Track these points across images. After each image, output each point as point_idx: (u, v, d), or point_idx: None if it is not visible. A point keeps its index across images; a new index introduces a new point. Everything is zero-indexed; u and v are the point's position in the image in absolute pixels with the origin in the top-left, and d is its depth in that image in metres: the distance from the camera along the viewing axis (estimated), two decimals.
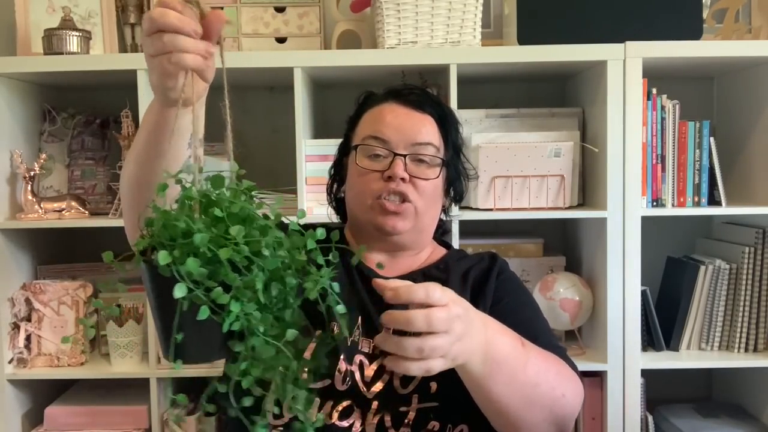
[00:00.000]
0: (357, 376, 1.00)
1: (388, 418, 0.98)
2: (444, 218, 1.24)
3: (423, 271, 1.14)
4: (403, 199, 1.07)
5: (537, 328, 1.08)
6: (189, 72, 0.76)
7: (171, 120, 0.82)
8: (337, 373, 1.00)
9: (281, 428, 1.00)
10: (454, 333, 0.76)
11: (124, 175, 0.93)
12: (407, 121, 1.10)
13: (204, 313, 0.65)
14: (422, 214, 1.10)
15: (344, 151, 1.18)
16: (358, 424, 0.98)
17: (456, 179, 1.17)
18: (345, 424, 0.98)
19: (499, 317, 1.08)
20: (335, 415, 0.98)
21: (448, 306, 0.76)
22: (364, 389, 1.00)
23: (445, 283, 1.11)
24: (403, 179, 1.06)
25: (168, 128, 0.82)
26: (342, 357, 1.01)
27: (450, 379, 0.99)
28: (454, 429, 0.99)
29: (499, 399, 0.88)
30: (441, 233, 1.27)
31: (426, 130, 1.10)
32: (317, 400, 0.99)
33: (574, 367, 1.03)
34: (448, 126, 1.14)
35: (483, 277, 1.13)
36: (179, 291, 0.65)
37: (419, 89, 1.17)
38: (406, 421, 0.98)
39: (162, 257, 0.64)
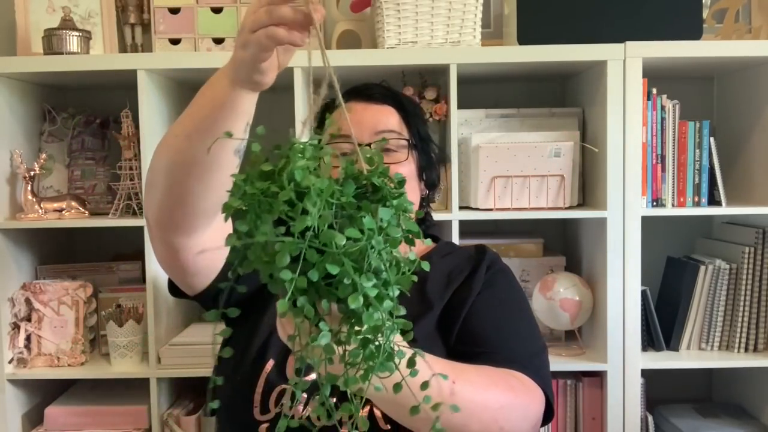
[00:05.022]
0: None
1: (378, 413, 0.96)
2: (426, 209, 1.24)
3: None
4: None
5: (513, 328, 1.07)
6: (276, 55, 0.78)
7: (237, 101, 0.81)
8: None
9: (267, 424, 1.00)
10: None
11: (165, 149, 0.89)
12: (366, 113, 1.12)
13: (246, 266, 0.65)
14: None
15: None
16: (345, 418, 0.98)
17: (426, 166, 1.18)
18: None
19: (480, 307, 1.07)
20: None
21: None
22: None
23: (424, 280, 1.10)
24: None
25: (233, 110, 0.82)
26: None
27: None
28: None
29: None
30: (426, 227, 1.26)
31: (386, 118, 1.12)
32: (303, 395, 0.97)
33: (539, 377, 1.00)
34: (409, 113, 1.15)
35: (471, 271, 1.11)
36: (230, 241, 0.65)
37: (377, 84, 1.18)
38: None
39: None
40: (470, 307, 1.06)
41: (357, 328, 0.64)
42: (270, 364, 1.02)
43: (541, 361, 1.06)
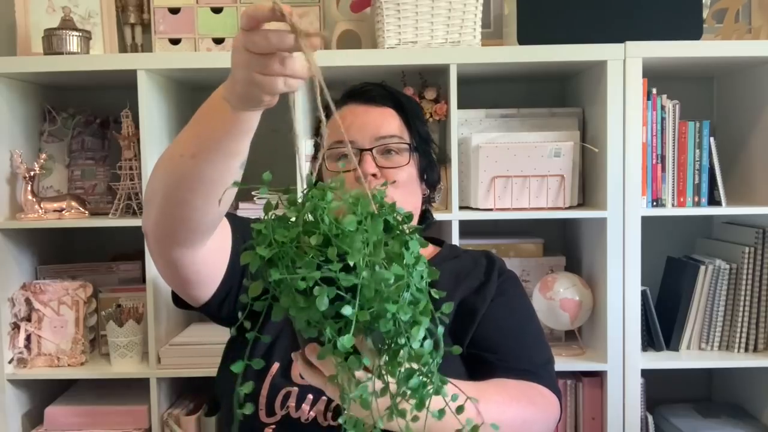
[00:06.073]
0: None
1: None
2: (424, 208, 1.25)
3: None
4: None
5: (525, 335, 1.10)
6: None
7: (244, 121, 0.79)
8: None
9: (273, 426, 1.01)
10: None
11: (169, 169, 0.86)
12: (367, 117, 1.12)
13: (276, 314, 0.67)
14: (401, 206, 1.10)
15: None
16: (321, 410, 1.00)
17: (427, 166, 1.18)
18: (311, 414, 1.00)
19: (494, 315, 1.09)
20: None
21: None
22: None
23: (432, 284, 1.12)
24: (374, 175, 1.08)
25: (240, 129, 0.80)
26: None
27: None
28: None
29: None
30: (426, 226, 1.27)
31: (387, 122, 1.12)
32: (309, 396, 0.99)
33: (553, 385, 1.04)
34: (409, 114, 1.16)
35: (484, 278, 1.13)
36: (252, 289, 0.69)
37: (376, 85, 1.19)
38: None
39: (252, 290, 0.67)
40: (484, 313, 1.07)
41: (399, 360, 0.67)
42: (275, 366, 1.02)
43: (552, 367, 1.09)
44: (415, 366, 0.68)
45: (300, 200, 0.68)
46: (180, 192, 0.85)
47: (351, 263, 0.64)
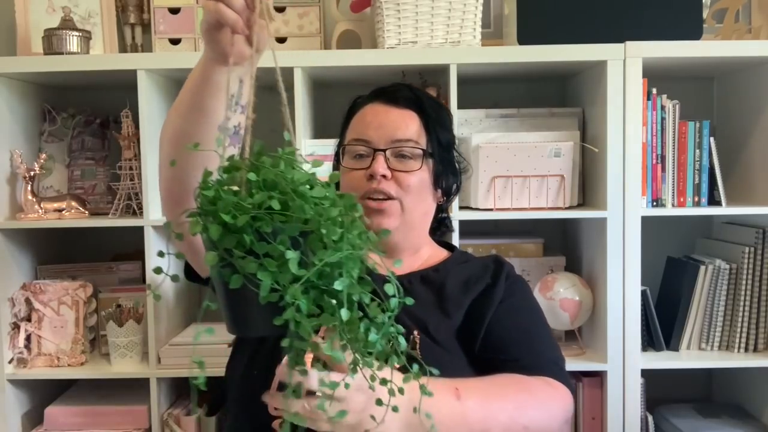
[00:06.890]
0: None
1: None
2: (443, 215, 1.24)
3: (420, 274, 1.13)
4: (388, 197, 1.08)
5: (535, 334, 1.10)
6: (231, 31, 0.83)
7: (212, 75, 0.87)
8: None
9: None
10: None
11: (165, 126, 0.96)
12: (386, 118, 1.12)
13: (236, 281, 0.66)
14: (410, 210, 1.10)
15: (338, 159, 1.20)
16: None
17: (443, 173, 1.16)
18: None
19: (502, 316, 1.09)
20: None
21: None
22: None
23: (441, 287, 1.12)
24: (384, 176, 1.08)
25: (209, 83, 0.88)
26: None
27: None
28: None
29: None
30: (440, 233, 1.27)
31: (405, 125, 1.11)
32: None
33: (563, 378, 1.04)
34: (430, 119, 1.14)
35: (492, 281, 1.13)
36: (209, 258, 0.67)
37: (404, 86, 1.18)
38: None
39: (192, 225, 0.67)
40: (492, 315, 1.08)
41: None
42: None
43: (563, 366, 1.09)
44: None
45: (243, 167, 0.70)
46: (168, 146, 0.94)
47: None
